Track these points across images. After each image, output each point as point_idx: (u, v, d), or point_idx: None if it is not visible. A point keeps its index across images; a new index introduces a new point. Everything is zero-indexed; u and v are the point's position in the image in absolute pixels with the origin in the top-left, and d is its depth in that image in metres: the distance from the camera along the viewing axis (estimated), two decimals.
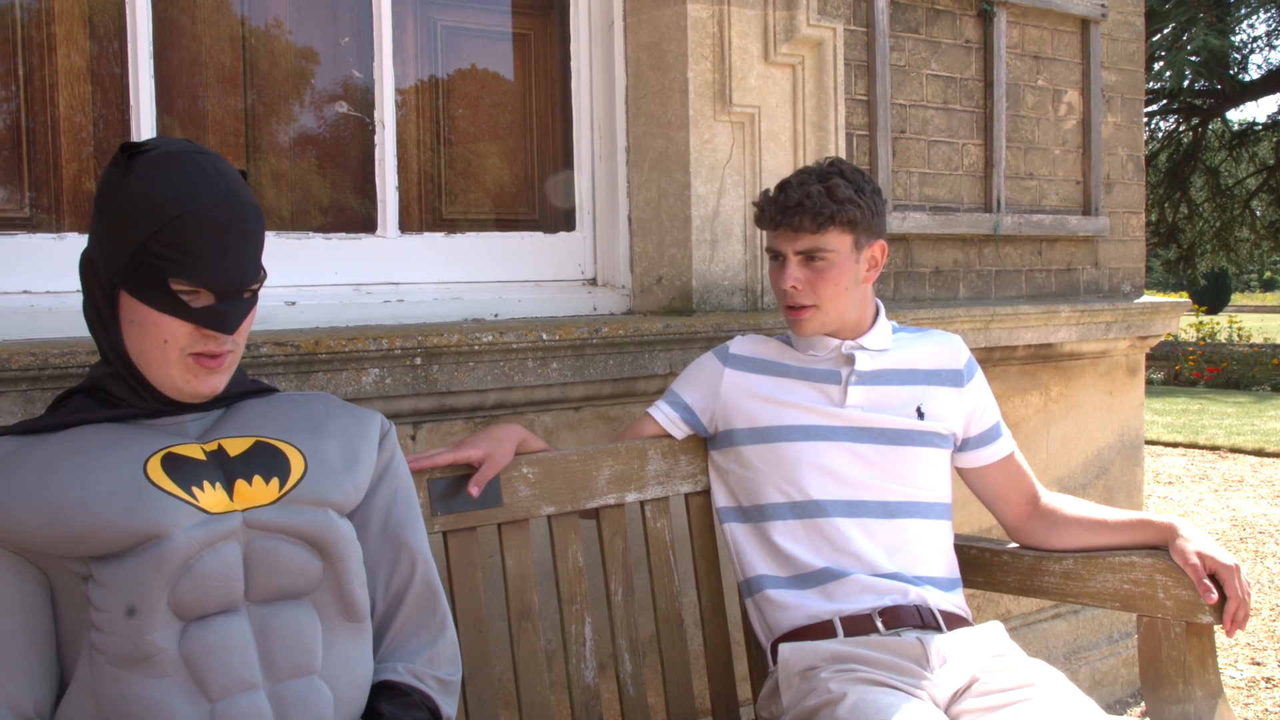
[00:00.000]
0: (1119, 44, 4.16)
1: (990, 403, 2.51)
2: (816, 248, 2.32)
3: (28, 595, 1.56)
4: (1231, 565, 2.19)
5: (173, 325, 1.62)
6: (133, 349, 1.65)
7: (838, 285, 2.34)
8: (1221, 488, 7.97)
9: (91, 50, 2.54)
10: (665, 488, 2.47)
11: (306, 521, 1.64)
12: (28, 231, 2.45)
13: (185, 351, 1.64)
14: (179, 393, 1.67)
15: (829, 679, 2.15)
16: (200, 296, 1.63)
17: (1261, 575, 5.71)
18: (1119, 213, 4.21)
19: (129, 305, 1.63)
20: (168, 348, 1.63)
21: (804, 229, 2.31)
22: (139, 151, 1.64)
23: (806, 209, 2.30)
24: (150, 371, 1.65)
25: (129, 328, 1.64)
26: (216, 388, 1.69)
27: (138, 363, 1.65)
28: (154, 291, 1.61)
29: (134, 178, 1.61)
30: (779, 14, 3.11)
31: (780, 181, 2.39)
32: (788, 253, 2.35)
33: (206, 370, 1.66)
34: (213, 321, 1.63)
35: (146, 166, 1.62)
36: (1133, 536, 2.34)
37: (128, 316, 1.64)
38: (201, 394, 1.68)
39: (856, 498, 2.33)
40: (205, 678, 1.55)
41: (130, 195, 1.60)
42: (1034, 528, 2.48)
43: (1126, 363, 4.18)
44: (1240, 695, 4.15)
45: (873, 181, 2.40)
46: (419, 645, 1.80)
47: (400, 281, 2.85)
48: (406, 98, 2.96)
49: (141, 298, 1.61)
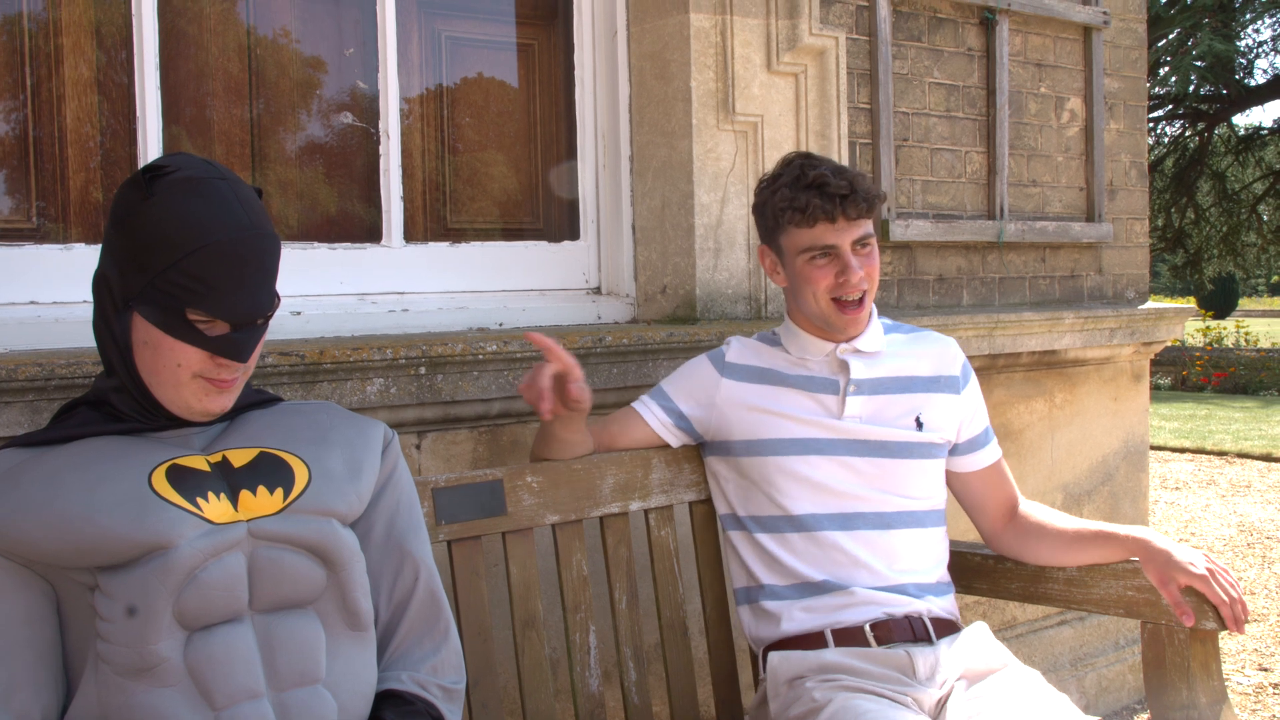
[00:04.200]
0: (1121, 50, 4.17)
1: (982, 408, 2.49)
2: (868, 233, 2.28)
3: (34, 606, 1.57)
4: (1203, 575, 2.18)
5: (187, 351, 1.64)
6: (144, 368, 1.66)
7: (880, 269, 2.32)
8: (1229, 493, 7.96)
9: (99, 61, 2.55)
10: (669, 496, 2.47)
11: (310, 531, 1.65)
12: (35, 242, 2.47)
13: (197, 375, 1.66)
14: (189, 412, 1.68)
15: (813, 688, 2.15)
16: (216, 326, 1.64)
17: (1269, 581, 5.70)
18: (1123, 219, 4.21)
19: (142, 326, 1.64)
20: (180, 371, 1.65)
21: (861, 215, 2.26)
22: (160, 173, 1.64)
23: (859, 190, 2.23)
24: (161, 391, 1.66)
25: (141, 348, 1.65)
26: (226, 406, 1.71)
27: (148, 381, 1.66)
28: (170, 318, 1.62)
29: (155, 202, 1.61)
30: (781, 23, 3.13)
31: (805, 178, 2.27)
32: (843, 244, 2.26)
33: (217, 390, 1.68)
34: (227, 350, 1.65)
35: (168, 191, 1.62)
36: (1103, 553, 2.33)
37: (141, 337, 1.65)
38: (211, 413, 1.70)
39: (851, 510, 2.32)
40: (210, 687, 1.55)
41: (151, 220, 1.61)
42: (1008, 539, 2.46)
43: (1131, 369, 4.18)
44: (1248, 701, 4.14)
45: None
46: (423, 654, 1.80)
47: (405, 291, 2.86)
48: (411, 108, 2.98)
49: (156, 322, 1.62)
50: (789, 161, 2.35)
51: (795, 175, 2.30)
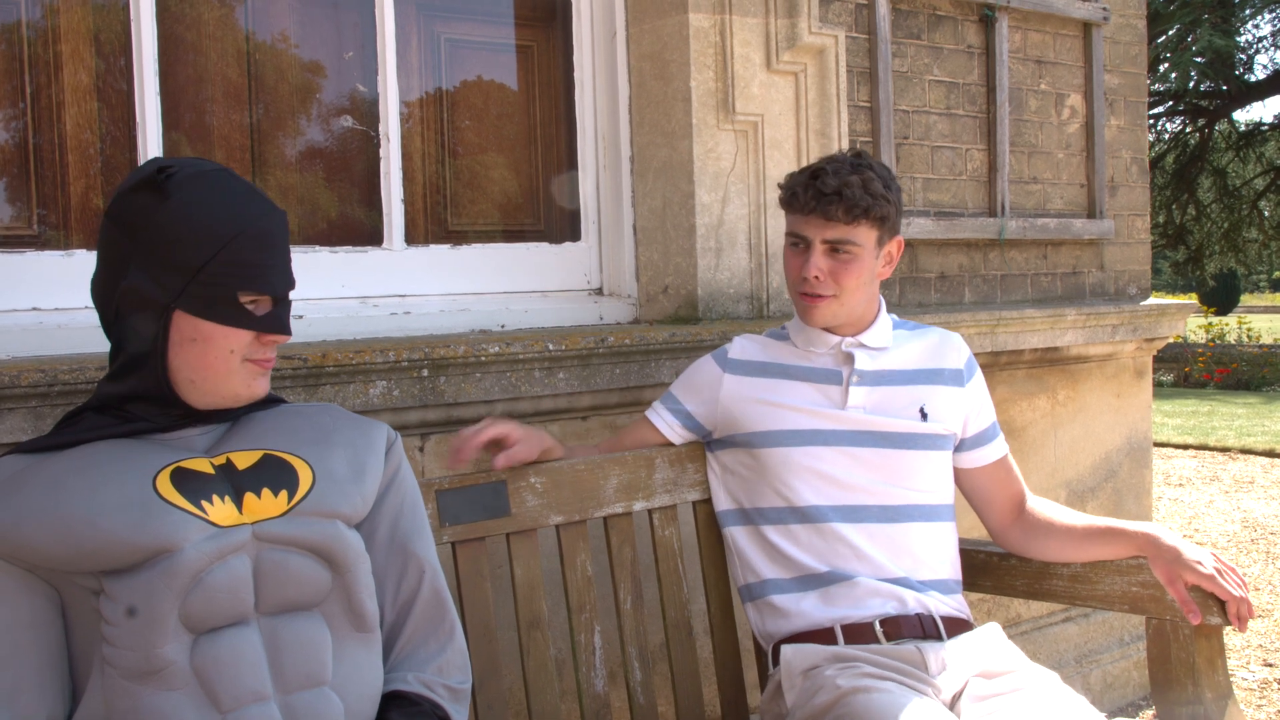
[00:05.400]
0: (1121, 47, 4.17)
1: (988, 403, 2.50)
2: (845, 239, 2.28)
3: (39, 611, 1.57)
4: (1210, 574, 2.19)
5: (239, 336, 1.69)
6: (187, 365, 1.67)
7: (858, 278, 2.31)
8: (1232, 489, 7.95)
9: (98, 68, 2.56)
10: (673, 495, 2.47)
11: (315, 533, 1.66)
12: (36, 249, 2.47)
13: (245, 359, 1.70)
14: (238, 398, 1.72)
15: (835, 675, 2.14)
16: (262, 304, 1.70)
17: (1273, 576, 5.69)
18: (1124, 215, 4.21)
19: (187, 324, 1.66)
20: (233, 357, 1.69)
21: (837, 219, 2.27)
22: (166, 175, 1.66)
23: (844, 199, 2.25)
24: (209, 383, 1.69)
25: (187, 346, 1.67)
26: (267, 388, 1.77)
27: (191, 377, 1.68)
28: (221, 307, 1.66)
29: (175, 202, 1.64)
30: (780, 22, 3.13)
31: (812, 168, 2.33)
32: (814, 240, 2.30)
33: (262, 371, 1.74)
34: (274, 325, 1.72)
35: (182, 189, 1.65)
36: (1111, 550, 2.33)
37: (185, 335, 1.66)
38: (257, 395, 1.75)
39: (857, 502, 2.32)
40: (216, 690, 1.56)
41: (176, 219, 1.63)
42: (1015, 535, 2.47)
43: (1134, 365, 4.18)
44: (1253, 697, 4.14)
45: (895, 177, 2.38)
46: (428, 654, 1.81)
47: (407, 294, 2.86)
48: (411, 110, 2.98)
49: (207, 315, 1.66)
50: (829, 155, 2.43)
51: (813, 164, 2.36)
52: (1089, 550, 2.36)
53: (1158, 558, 2.25)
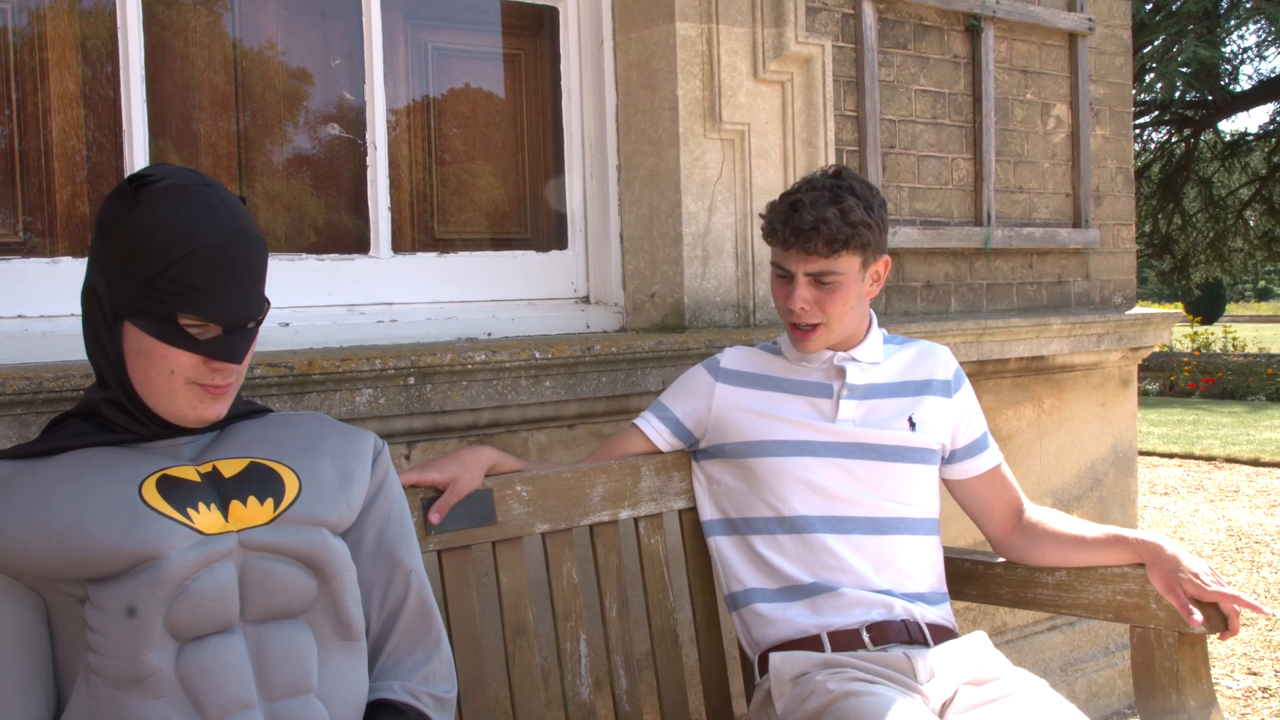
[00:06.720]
0: (1106, 57, 4.19)
1: (978, 414, 2.51)
2: (828, 270, 2.28)
3: (24, 619, 1.57)
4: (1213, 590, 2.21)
5: (180, 357, 1.64)
6: (137, 378, 1.66)
7: (845, 304, 2.31)
8: (1217, 498, 7.98)
9: (84, 75, 2.55)
10: (659, 504, 2.48)
11: (301, 541, 1.65)
12: (22, 256, 2.46)
13: (191, 381, 1.66)
14: (184, 419, 1.68)
15: (825, 680, 2.15)
16: (208, 330, 1.64)
17: (1258, 585, 5.71)
18: (1109, 225, 4.23)
19: (134, 335, 1.64)
20: (174, 378, 1.65)
21: (817, 253, 2.26)
22: (144, 183, 1.64)
23: (821, 234, 2.24)
24: (155, 400, 1.66)
25: (134, 358, 1.65)
26: (220, 413, 1.71)
27: (141, 391, 1.66)
28: (162, 325, 1.62)
29: (141, 211, 1.61)
30: (767, 31, 3.14)
31: (790, 199, 2.31)
32: (797, 273, 2.30)
33: (212, 396, 1.68)
34: (220, 353, 1.65)
35: (153, 199, 1.62)
36: (1112, 556, 2.35)
37: (133, 347, 1.64)
38: (206, 419, 1.70)
39: (845, 514, 2.33)
40: (202, 698, 1.55)
41: (137, 228, 1.61)
42: (1016, 542, 2.48)
43: (1119, 374, 4.20)
44: (1237, 706, 4.15)
45: (879, 194, 2.35)
46: (414, 663, 1.81)
47: (393, 301, 2.86)
48: (398, 119, 2.98)
49: (148, 330, 1.62)
50: (809, 176, 2.37)
51: (791, 191, 2.34)
52: (1091, 556, 2.37)
53: (1158, 565, 2.27)
